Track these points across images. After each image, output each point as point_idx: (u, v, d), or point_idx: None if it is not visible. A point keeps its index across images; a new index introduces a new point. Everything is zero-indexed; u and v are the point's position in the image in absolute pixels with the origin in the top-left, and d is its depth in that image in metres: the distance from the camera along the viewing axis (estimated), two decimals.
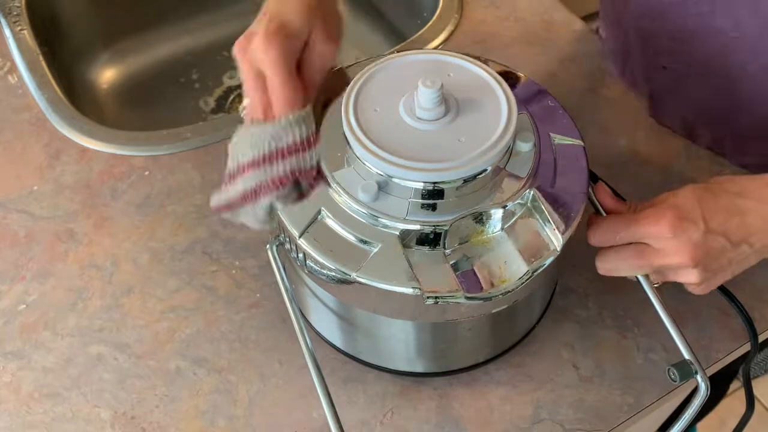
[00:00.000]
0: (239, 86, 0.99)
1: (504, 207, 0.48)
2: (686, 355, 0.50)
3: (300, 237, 0.49)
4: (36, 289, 0.63)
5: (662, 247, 0.50)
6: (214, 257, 0.65)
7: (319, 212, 0.49)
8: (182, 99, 0.97)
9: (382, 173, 0.47)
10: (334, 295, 0.53)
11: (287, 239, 0.51)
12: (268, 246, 0.55)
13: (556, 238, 0.48)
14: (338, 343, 0.59)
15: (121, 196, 0.69)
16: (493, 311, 0.51)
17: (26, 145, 0.74)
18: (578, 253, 0.64)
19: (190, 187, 0.70)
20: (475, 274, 0.47)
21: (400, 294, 0.47)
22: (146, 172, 0.71)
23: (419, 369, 0.58)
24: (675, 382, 0.49)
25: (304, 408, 0.57)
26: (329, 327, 0.58)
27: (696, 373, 0.49)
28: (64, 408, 0.57)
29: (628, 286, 0.63)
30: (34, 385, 0.58)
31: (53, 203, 0.69)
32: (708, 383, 0.50)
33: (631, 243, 0.52)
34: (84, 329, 0.61)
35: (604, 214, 0.55)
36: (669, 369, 0.50)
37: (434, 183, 0.46)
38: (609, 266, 0.53)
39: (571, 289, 0.63)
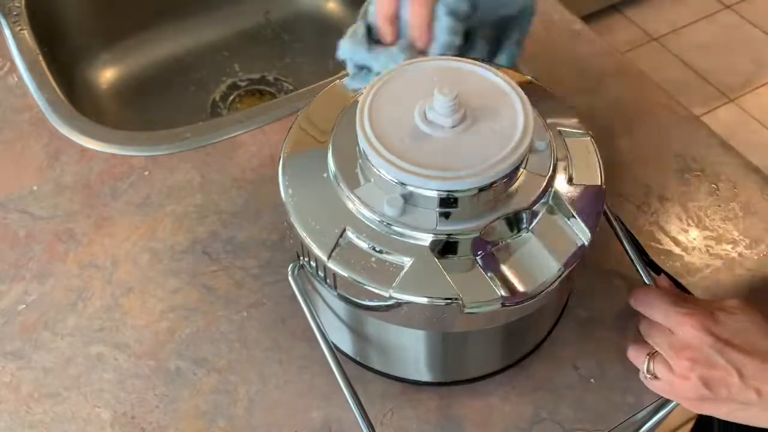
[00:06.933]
0: (239, 86, 0.99)
1: (532, 207, 0.48)
2: None
3: (329, 259, 0.48)
4: (36, 289, 0.63)
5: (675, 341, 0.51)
6: (214, 257, 0.65)
7: (343, 231, 0.48)
8: (182, 99, 0.97)
9: (407, 185, 0.46)
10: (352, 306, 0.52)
11: (313, 262, 0.50)
12: (289, 270, 0.54)
13: (583, 234, 0.48)
14: (348, 349, 0.58)
15: (121, 196, 0.69)
16: (514, 319, 0.51)
17: (26, 145, 0.74)
18: None
19: (190, 187, 0.70)
20: (508, 277, 0.47)
21: (424, 305, 0.47)
22: (146, 172, 0.71)
23: (427, 378, 0.58)
24: None
25: (304, 408, 0.57)
26: (338, 333, 0.58)
27: None
28: (64, 408, 0.57)
29: (628, 286, 0.63)
30: (33, 385, 0.58)
31: (53, 203, 0.69)
32: None
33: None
34: (84, 329, 0.61)
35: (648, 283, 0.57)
36: None
37: (462, 191, 0.46)
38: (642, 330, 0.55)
39: (571, 289, 0.63)
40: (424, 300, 0.46)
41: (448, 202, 0.46)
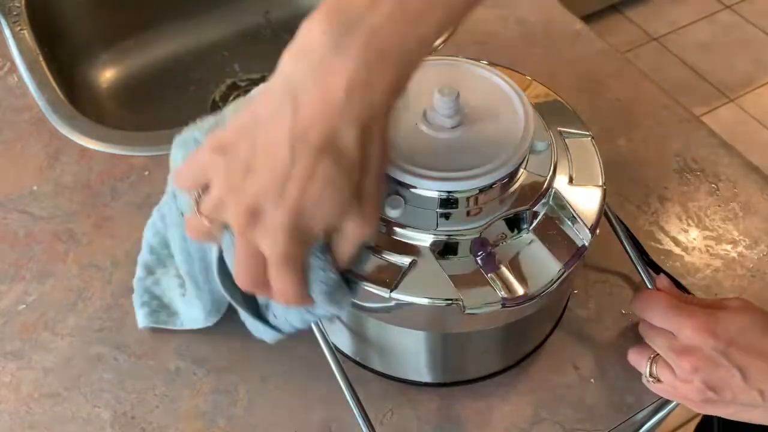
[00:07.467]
0: (239, 86, 0.99)
1: (532, 208, 0.48)
2: None
3: None
4: (36, 289, 0.63)
5: (677, 344, 0.51)
6: None
7: None
8: (182, 99, 0.97)
9: (407, 186, 0.46)
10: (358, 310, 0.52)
11: None
12: None
13: (583, 234, 0.48)
14: (348, 350, 0.58)
15: (121, 196, 0.69)
16: (514, 319, 0.51)
17: (26, 145, 0.73)
18: None
19: None
20: (508, 278, 0.47)
21: (424, 306, 0.47)
22: (146, 172, 0.71)
23: (428, 379, 0.57)
24: None
25: (304, 408, 0.57)
26: (338, 333, 0.58)
27: None
28: (64, 408, 0.57)
29: (627, 287, 0.63)
30: (34, 385, 0.58)
31: (53, 203, 0.69)
32: None
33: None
34: (84, 329, 0.61)
35: (649, 287, 0.57)
36: None
37: (462, 191, 0.46)
38: (642, 332, 0.55)
39: (571, 289, 0.63)
40: (424, 301, 0.46)
41: (448, 202, 0.46)
